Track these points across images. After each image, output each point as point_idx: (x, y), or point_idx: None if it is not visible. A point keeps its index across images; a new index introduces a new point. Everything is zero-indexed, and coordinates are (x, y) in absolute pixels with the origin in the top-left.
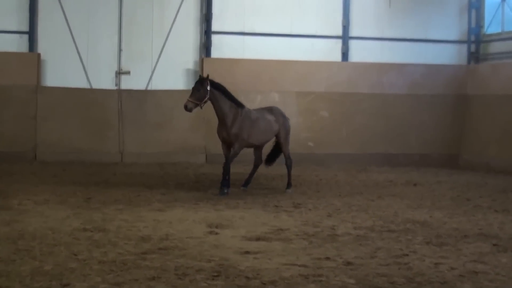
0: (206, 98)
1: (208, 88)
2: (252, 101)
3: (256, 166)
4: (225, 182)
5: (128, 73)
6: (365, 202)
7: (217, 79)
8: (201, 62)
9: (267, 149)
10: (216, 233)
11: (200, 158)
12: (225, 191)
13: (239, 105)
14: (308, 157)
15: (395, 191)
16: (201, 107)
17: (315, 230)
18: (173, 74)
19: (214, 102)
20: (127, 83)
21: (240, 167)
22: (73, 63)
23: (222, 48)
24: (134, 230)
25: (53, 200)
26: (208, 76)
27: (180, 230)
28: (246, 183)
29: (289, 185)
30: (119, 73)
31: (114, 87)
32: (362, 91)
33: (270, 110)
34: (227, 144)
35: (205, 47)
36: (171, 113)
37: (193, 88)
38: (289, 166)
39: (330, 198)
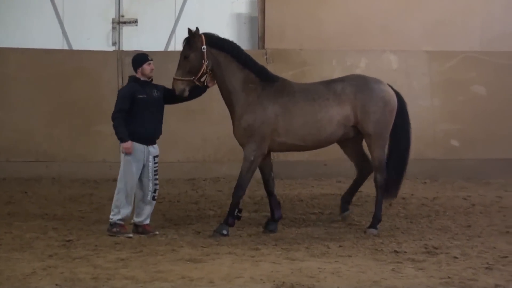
0: (204, 66)
1: (204, 48)
2: (350, 68)
3: (360, 177)
4: (231, 216)
5: (134, 22)
6: None
7: (289, 31)
8: (260, 2)
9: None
10: None
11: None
12: (224, 232)
13: (264, 75)
14: (450, 165)
15: None
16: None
17: None
18: (212, 23)
19: (217, 73)
20: (133, 41)
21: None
22: (36, 9)
23: None
24: None
25: (7, 243)
26: (197, 30)
27: None
28: (344, 205)
29: (374, 220)
30: (119, 22)
31: (110, 47)
32: None
33: (338, 81)
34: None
35: None
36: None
37: (181, 56)
38: (381, 184)
39: (490, 237)
